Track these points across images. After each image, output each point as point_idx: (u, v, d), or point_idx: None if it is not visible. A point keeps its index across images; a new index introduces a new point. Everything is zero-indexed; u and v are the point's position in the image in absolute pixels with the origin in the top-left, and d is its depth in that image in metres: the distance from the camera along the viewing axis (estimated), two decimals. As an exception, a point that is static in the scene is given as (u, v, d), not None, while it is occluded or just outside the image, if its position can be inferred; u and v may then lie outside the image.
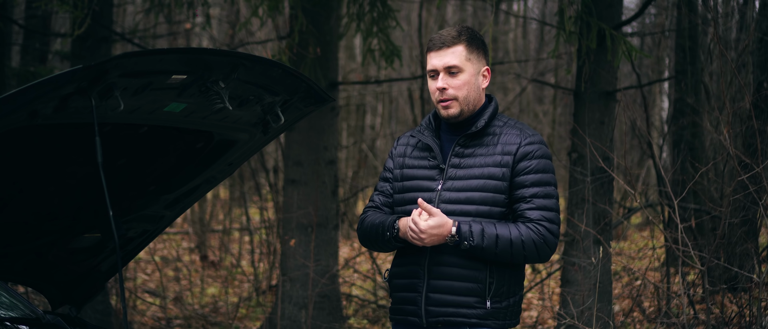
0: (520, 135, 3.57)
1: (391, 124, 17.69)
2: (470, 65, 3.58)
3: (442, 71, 3.58)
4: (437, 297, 3.54)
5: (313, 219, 8.23)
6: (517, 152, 3.53)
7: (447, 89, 3.56)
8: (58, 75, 2.95)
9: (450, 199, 3.54)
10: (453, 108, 3.58)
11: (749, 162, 6.05)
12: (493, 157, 3.55)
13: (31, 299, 7.92)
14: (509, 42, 18.45)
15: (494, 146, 3.57)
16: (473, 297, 3.51)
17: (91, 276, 4.23)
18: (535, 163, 3.53)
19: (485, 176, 3.53)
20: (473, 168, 3.56)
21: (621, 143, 11.71)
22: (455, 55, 3.57)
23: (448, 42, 3.58)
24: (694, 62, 9.78)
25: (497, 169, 3.53)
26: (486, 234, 3.44)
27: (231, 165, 4.06)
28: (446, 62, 3.57)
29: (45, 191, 3.71)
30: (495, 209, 3.52)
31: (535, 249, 3.48)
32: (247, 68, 3.37)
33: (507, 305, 3.55)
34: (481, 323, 3.51)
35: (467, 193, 3.53)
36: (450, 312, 3.52)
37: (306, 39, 7.91)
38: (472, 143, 3.61)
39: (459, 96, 3.57)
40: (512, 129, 3.60)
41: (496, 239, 3.44)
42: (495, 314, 3.53)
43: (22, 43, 11.39)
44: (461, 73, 3.57)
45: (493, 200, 3.52)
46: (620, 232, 12.37)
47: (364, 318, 9.44)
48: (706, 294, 5.98)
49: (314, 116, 8.17)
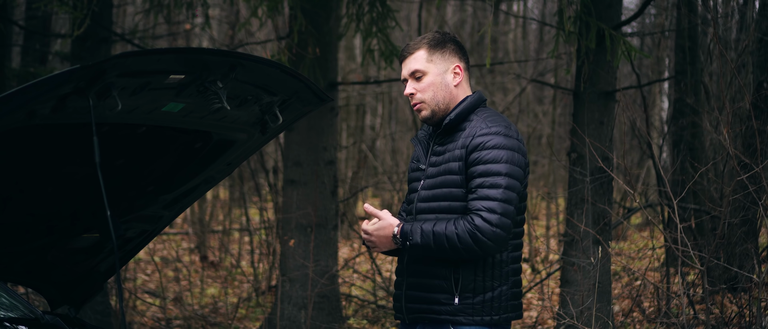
0: (478, 126, 3.54)
1: (391, 124, 17.69)
2: (433, 66, 3.63)
3: (408, 78, 3.66)
4: (413, 294, 3.63)
5: (312, 219, 8.23)
6: (470, 144, 3.51)
7: (415, 94, 3.64)
8: (55, 75, 2.94)
9: (425, 198, 3.62)
10: (424, 111, 3.65)
11: (749, 162, 6.05)
12: (453, 152, 3.57)
13: (30, 299, 7.92)
14: (509, 42, 18.45)
15: (458, 141, 3.58)
16: (442, 294, 3.56)
17: (90, 277, 4.23)
18: (484, 154, 3.47)
19: (445, 172, 3.57)
20: (442, 165, 3.60)
21: (620, 143, 11.71)
22: (416, 60, 3.64)
23: (411, 49, 3.67)
24: (694, 62, 9.77)
25: (454, 163, 3.55)
26: (423, 231, 3.47)
27: (229, 165, 4.06)
28: (409, 68, 3.66)
29: (43, 192, 3.70)
30: (454, 204, 3.53)
31: (471, 242, 3.41)
32: (245, 68, 3.36)
33: (482, 300, 3.53)
34: (452, 319, 3.55)
35: (434, 191, 3.59)
36: (424, 308, 3.60)
37: (305, 39, 7.91)
38: (446, 140, 3.64)
39: (425, 98, 3.63)
40: (478, 121, 3.56)
41: (432, 235, 3.45)
42: (464, 310, 3.53)
43: (22, 44, 11.39)
44: (425, 75, 3.63)
45: (452, 195, 3.54)
46: (620, 232, 12.36)
47: (364, 318, 9.43)
48: (705, 294, 5.97)
49: (314, 116, 8.17)
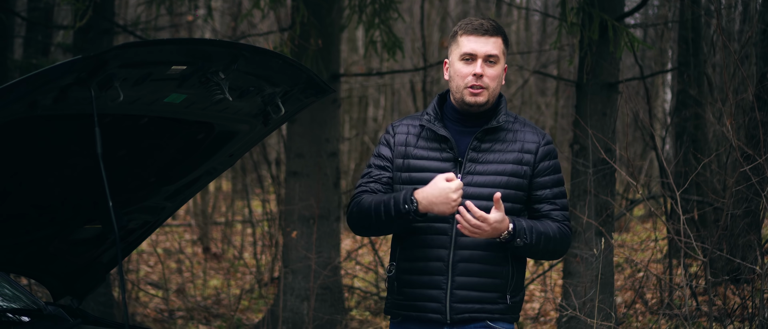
0: (537, 134, 3.61)
1: (394, 116, 17.67)
2: (503, 59, 3.57)
3: (481, 57, 3.51)
4: (463, 294, 3.50)
5: (315, 211, 8.22)
6: (538, 152, 3.57)
7: (483, 77, 3.52)
8: (57, 65, 2.94)
9: (473, 195, 3.47)
10: (482, 96, 3.52)
11: (752, 153, 6.04)
12: (514, 154, 3.54)
13: (33, 291, 7.93)
14: (511, 34, 18.39)
15: (512, 143, 3.57)
16: (495, 293, 3.53)
17: (93, 268, 4.23)
18: (553, 164, 3.60)
19: (508, 173, 3.53)
20: (493, 164, 3.53)
21: (623, 135, 11.68)
22: (496, 46, 3.53)
23: (491, 31, 3.53)
24: (697, 54, 9.75)
25: (519, 167, 3.54)
26: (535, 231, 3.47)
27: (232, 157, 4.05)
28: (488, 50, 3.51)
29: (45, 183, 3.69)
30: (516, 206, 3.54)
31: (562, 247, 3.60)
32: (247, 59, 3.35)
33: (519, 299, 3.61)
34: (502, 318, 3.54)
35: (490, 189, 3.49)
36: (476, 308, 3.50)
37: (308, 31, 7.89)
38: (489, 138, 3.57)
39: (491, 86, 3.53)
40: (526, 127, 3.62)
41: (541, 237, 3.49)
42: (513, 308, 3.58)
43: (24, 35, 11.40)
44: (497, 64, 3.54)
45: (516, 197, 3.53)
46: (622, 224, 12.35)
47: (366, 309, 9.44)
48: (708, 285, 5.97)
49: (316, 108, 8.16)
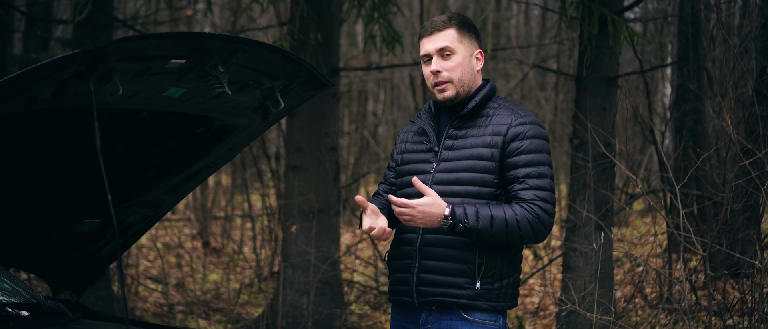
0: (512, 115, 3.58)
1: (393, 110, 17.67)
2: (462, 47, 3.61)
3: (434, 55, 3.61)
4: (428, 278, 3.58)
5: (314, 205, 8.22)
6: (508, 132, 3.54)
7: (441, 72, 3.60)
8: (56, 59, 2.93)
9: (442, 180, 3.58)
10: (448, 91, 3.61)
11: (751, 148, 6.04)
12: (483, 138, 3.57)
13: (32, 285, 7.93)
14: (511, 28, 18.39)
15: (485, 127, 3.59)
16: (463, 278, 3.54)
17: (92, 262, 4.23)
18: (526, 143, 3.53)
19: (474, 157, 3.56)
20: (464, 149, 3.58)
21: (623, 129, 11.68)
22: (447, 38, 3.60)
23: (439, 26, 3.61)
24: (697, 48, 9.75)
25: (486, 150, 3.54)
26: (480, 215, 3.45)
27: (231, 151, 4.05)
28: (438, 45, 3.60)
29: (44, 177, 3.69)
30: (483, 190, 3.54)
31: (530, 229, 3.48)
32: (247, 53, 3.35)
33: (499, 286, 3.57)
34: (471, 304, 3.53)
35: (457, 174, 3.56)
36: (440, 292, 3.56)
37: (307, 25, 7.88)
38: (465, 125, 3.63)
39: (453, 78, 3.60)
40: (505, 110, 3.61)
41: (491, 220, 3.45)
42: (485, 295, 3.55)
43: (24, 29, 11.39)
44: (454, 54, 3.60)
45: (482, 180, 3.54)
46: (622, 218, 12.36)
47: (366, 304, 9.45)
48: (708, 280, 5.97)
49: (316, 102, 8.16)
